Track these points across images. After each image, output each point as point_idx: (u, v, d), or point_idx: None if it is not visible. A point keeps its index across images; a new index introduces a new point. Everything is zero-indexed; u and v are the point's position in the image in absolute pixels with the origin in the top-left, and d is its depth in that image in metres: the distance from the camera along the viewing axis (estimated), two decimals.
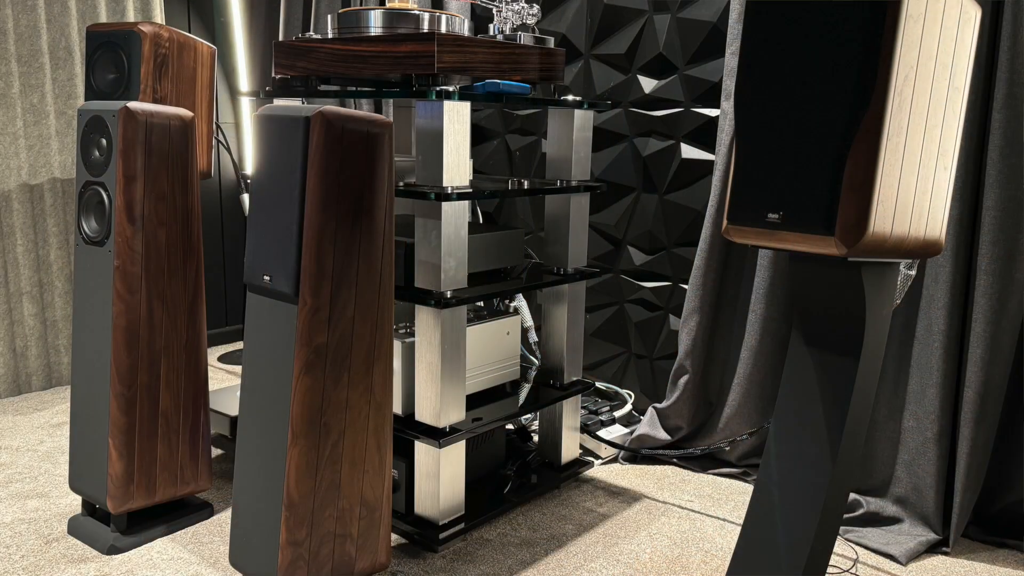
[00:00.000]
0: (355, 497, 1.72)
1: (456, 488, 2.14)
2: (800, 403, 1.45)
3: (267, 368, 1.65)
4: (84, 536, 2.10)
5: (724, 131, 2.48)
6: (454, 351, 2.07)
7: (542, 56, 2.27)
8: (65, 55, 3.15)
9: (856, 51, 1.20)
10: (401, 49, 1.97)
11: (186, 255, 2.03)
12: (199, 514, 2.21)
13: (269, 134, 1.61)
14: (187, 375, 2.07)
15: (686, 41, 2.68)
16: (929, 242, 1.36)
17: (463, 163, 2.01)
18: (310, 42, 2.14)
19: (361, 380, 1.68)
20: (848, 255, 1.24)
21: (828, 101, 1.23)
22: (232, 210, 3.91)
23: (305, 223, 1.56)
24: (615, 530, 2.23)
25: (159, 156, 1.95)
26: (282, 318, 1.61)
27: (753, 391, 2.50)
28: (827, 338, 1.42)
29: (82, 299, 2.04)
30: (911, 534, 2.17)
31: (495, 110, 3.21)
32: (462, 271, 2.06)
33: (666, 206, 2.78)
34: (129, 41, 2.09)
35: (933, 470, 2.17)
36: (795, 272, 1.44)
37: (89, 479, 2.05)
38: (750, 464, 2.58)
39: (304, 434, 1.60)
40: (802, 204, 1.26)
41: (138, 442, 2.00)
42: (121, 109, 1.89)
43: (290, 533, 1.62)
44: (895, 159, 1.23)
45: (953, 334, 2.13)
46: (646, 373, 2.92)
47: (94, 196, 1.97)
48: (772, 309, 2.43)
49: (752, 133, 1.33)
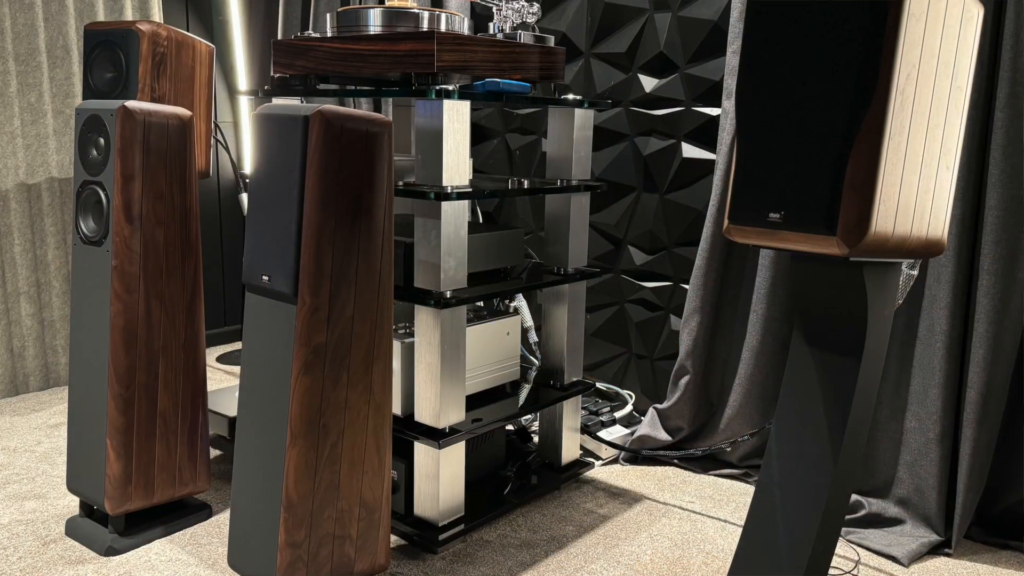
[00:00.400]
0: (354, 498, 1.72)
1: (456, 489, 2.14)
2: (802, 404, 1.45)
3: (266, 368, 1.65)
4: (82, 537, 2.10)
5: (725, 130, 2.48)
6: (454, 351, 2.07)
7: (542, 55, 2.27)
8: (63, 54, 3.15)
9: (857, 50, 1.20)
10: (400, 48, 1.97)
11: (184, 255, 2.03)
12: (197, 515, 2.21)
13: (268, 133, 1.61)
14: (185, 375, 2.08)
15: (687, 40, 2.68)
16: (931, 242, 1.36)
17: (463, 162, 2.01)
18: (309, 41, 2.14)
19: (360, 380, 1.68)
20: (850, 255, 1.24)
21: (829, 100, 1.23)
22: (231, 209, 3.91)
23: (304, 222, 1.56)
24: (616, 531, 2.23)
25: (157, 155, 1.95)
26: (281, 318, 1.61)
27: (754, 391, 2.50)
28: (829, 338, 1.42)
29: (80, 299, 2.04)
30: (913, 535, 2.17)
31: (495, 109, 3.21)
32: (462, 271, 2.06)
33: (667, 206, 2.78)
34: (127, 40, 2.09)
35: (935, 471, 2.17)
36: (796, 272, 1.44)
37: (87, 480, 2.05)
38: (751, 465, 2.58)
39: (303, 435, 1.60)
40: (803, 204, 1.27)
41: (136, 443, 2.00)
42: (119, 108, 1.89)
43: (289, 534, 1.62)
44: (897, 158, 1.23)
45: (955, 334, 2.14)
46: (647, 373, 2.92)
47: (92, 195, 1.97)
48: (773, 309, 2.43)
49: (753, 132, 1.33)
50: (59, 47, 3.14)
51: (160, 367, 2.02)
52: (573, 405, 2.51)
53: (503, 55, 2.14)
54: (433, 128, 1.97)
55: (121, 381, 1.96)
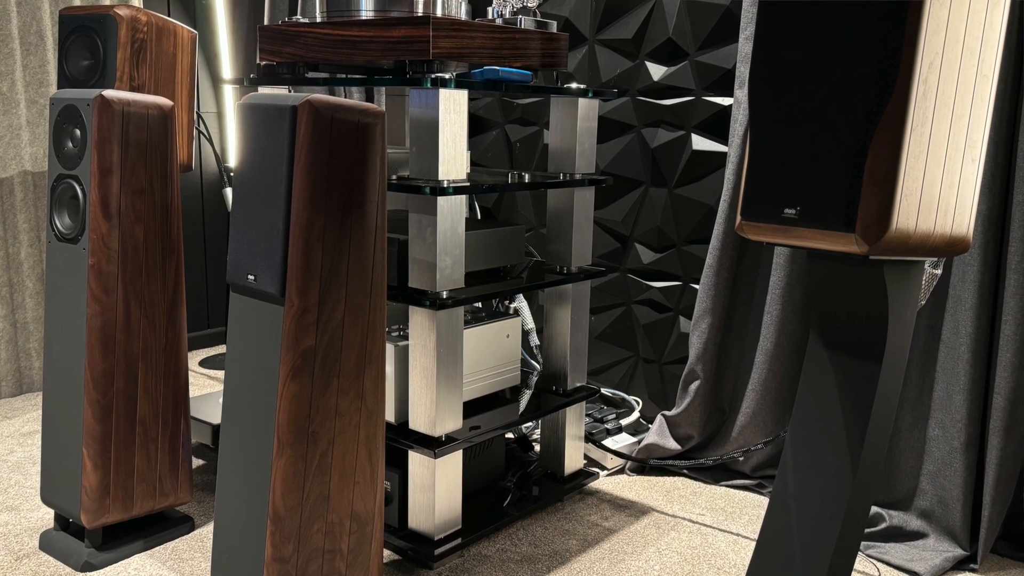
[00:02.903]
0: (345, 511, 1.72)
1: (452, 501, 2.14)
2: (819, 410, 1.45)
3: (251, 373, 1.65)
4: (57, 552, 2.10)
5: (738, 121, 2.48)
6: (450, 355, 2.08)
7: (544, 41, 2.27)
8: (37, 40, 3.15)
9: (878, 36, 1.20)
10: (394, 34, 1.97)
11: (165, 253, 2.03)
12: (179, 528, 2.21)
13: (253, 124, 1.62)
14: (166, 380, 2.08)
15: (697, 25, 2.68)
16: (956, 239, 1.36)
17: (460, 155, 2.02)
18: (297, 26, 2.15)
19: (352, 386, 1.68)
20: (869, 253, 1.24)
21: (848, 89, 1.23)
22: (214, 205, 3.91)
23: (292, 219, 1.56)
24: (622, 546, 2.23)
25: (136, 148, 1.95)
26: (267, 320, 1.62)
27: (768, 398, 2.50)
28: (847, 341, 1.42)
29: (55, 300, 2.04)
30: (936, 550, 2.17)
31: (494, 99, 3.21)
32: (459, 270, 2.06)
33: (676, 201, 2.78)
34: (104, 25, 2.09)
35: (960, 481, 2.17)
36: (813, 271, 1.44)
37: (62, 491, 2.05)
38: (765, 475, 2.58)
39: (291, 444, 1.60)
40: (820, 199, 1.27)
41: (114, 452, 2.00)
42: (96, 97, 1.89)
43: (276, 549, 1.62)
44: (920, 151, 1.23)
45: (981, 337, 2.14)
46: (655, 379, 2.92)
47: (67, 190, 1.98)
48: (789, 310, 2.44)
49: (767, 123, 1.33)
50: (33, 33, 3.14)
51: (140, 372, 2.02)
52: (577, 412, 2.51)
53: (503, 41, 2.14)
54: (429, 119, 1.97)
55: (98, 387, 1.96)
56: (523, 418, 2.30)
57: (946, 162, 1.29)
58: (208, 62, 3.91)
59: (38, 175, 3.21)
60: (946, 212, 1.32)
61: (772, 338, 2.46)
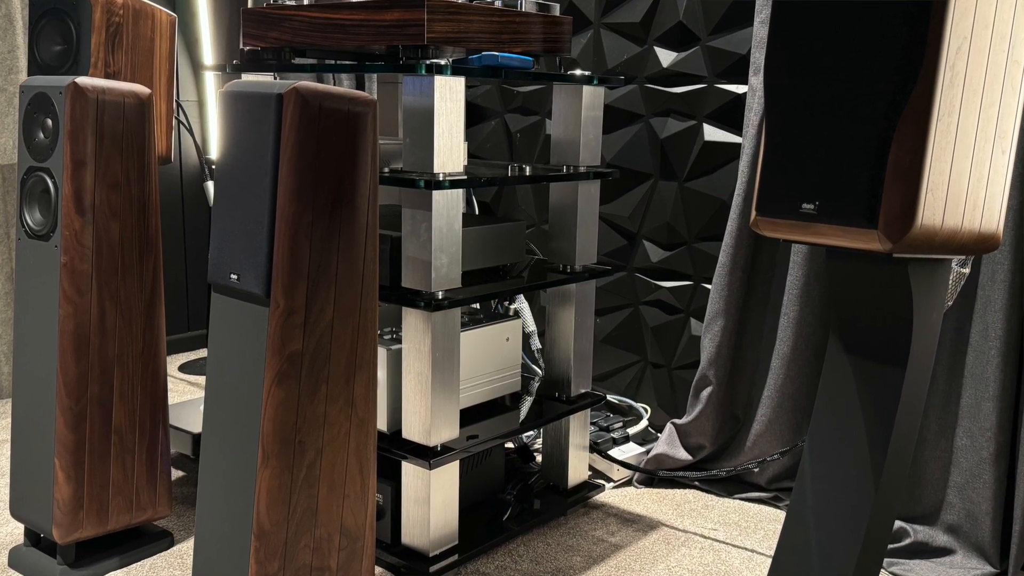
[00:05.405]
0: (334, 525, 1.72)
1: (449, 515, 2.14)
2: (839, 418, 1.45)
3: (234, 379, 1.65)
4: (27, 569, 2.10)
5: (752, 110, 2.48)
6: (446, 359, 2.08)
7: (546, 25, 2.27)
8: (5, 24, 3.15)
9: (902, 20, 1.20)
10: (386, 17, 1.97)
11: (143, 251, 2.03)
12: (157, 544, 2.21)
13: (236, 113, 1.62)
14: (144, 387, 2.08)
15: (709, 8, 2.68)
16: (985, 236, 1.36)
17: (456, 146, 2.02)
18: (283, 9, 2.15)
19: (341, 393, 1.68)
20: (893, 251, 1.24)
21: (870, 77, 1.23)
22: (195, 200, 3.91)
23: (277, 214, 1.56)
24: (629, 563, 2.23)
25: (112, 138, 1.95)
26: (251, 322, 1.62)
27: (785, 405, 2.50)
28: (869, 345, 1.42)
29: (24, 300, 2.04)
30: (964, 567, 2.17)
31: (493, 86, 3.21)
32: (455, 269, 2.06)
33: (686, 195, 2.78)
34: (78, 8, 2.09)
35: (989, 494, 2.17)
36: (833, 270, 1.44)
37: (32, 505, 2.05)
38: (782, 488, 2.58)
39: (276, 454, 1.61)
40: (841, 193, 1.27)
41: (88, 463, 2.00)
42: (69, 85, 1.89)
43: (260, 566, 1.62)
44: (946, 142, 1.23)
45: (1012, 340, 2.14)
46: (664, 385, 2.92)
47: (38, 184, 1.98)
48: (807, 312, 2.44)
49: (784, 113, 1.34)
50: (1, 16, 3.14)
51: (115, 377, 2.02)
52: (581, 420, 2.51)
53: (502, 25, 2.14)
54: (423, 108, 1.97)
55: (71, 393, 1.96)
56: (524, 427, 2.30)
57: (974, 154, 1.29)
58: (188, 47, 3.91)
59: (7, 167, 3.21)
60: (974, 207, 1.32)
61: (789, 341, 2.46)
